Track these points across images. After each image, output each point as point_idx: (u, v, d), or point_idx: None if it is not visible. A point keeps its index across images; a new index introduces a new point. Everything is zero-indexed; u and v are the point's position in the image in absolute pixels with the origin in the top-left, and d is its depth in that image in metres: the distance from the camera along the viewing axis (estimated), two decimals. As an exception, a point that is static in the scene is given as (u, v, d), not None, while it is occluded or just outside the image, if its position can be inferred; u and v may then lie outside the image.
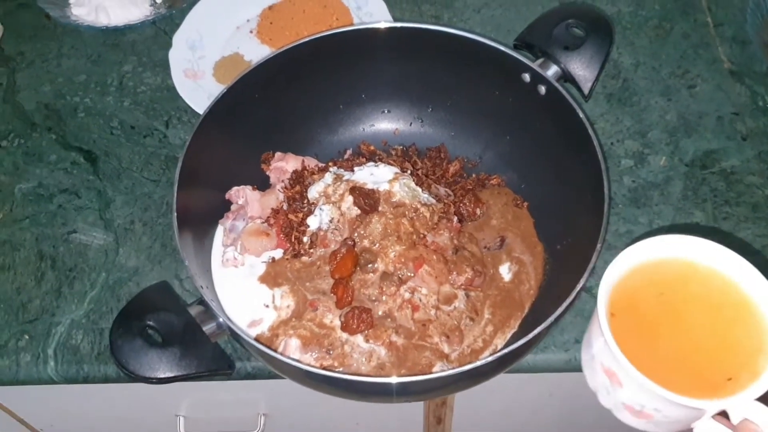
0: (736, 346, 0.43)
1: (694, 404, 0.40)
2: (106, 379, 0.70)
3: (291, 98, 0.77)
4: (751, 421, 0.39)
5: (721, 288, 0.44)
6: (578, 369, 0.57)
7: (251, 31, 0.92)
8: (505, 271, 0.71)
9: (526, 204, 0.75)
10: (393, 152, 0.80)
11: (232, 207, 0.75)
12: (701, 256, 0.45)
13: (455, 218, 0.72)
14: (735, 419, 0.40)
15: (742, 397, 0.40)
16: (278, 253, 0.72)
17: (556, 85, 0.69)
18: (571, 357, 0.69)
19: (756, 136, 0.81)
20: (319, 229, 0.71)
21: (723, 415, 0.42)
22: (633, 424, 0.47)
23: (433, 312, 0.67)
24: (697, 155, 0.80)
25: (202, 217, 0.73)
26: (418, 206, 0.70)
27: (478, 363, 0.57)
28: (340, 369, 0.65)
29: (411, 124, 0.83)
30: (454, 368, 0.58)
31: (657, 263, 0.46)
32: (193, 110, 0.83)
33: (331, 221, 0.70)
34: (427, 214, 0.70)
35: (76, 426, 0.92)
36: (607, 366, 0.45)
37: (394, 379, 0.57)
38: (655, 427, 0.46)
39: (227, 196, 0.75)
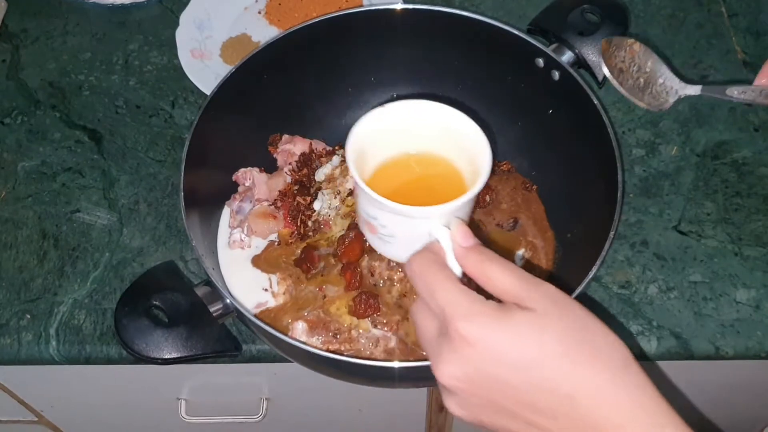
0: (443, 190, 0.51)
1: (385, 202, 0.48)
2: (108, 360, 0.69)
3: (299, 80, 0.76)
4: (438, 241, 0.47)
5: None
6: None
7: (259, 12, 0.90)
8: (518, 260, 0.70)
9: (535, 187, 0.74)
10: (402, 137, 0.79)
11: (239, 189, 0.74)
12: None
13: (464, 204, 0.71)
14: (431, 238, 0.48)
15: (427, 209, 0.48)
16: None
17: (570, 70, 0.68)
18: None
19: (768, 127, 0.80)
20: (322, 214, 0.70)
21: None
22: (374, 245, 0.56)
23: (441, 298, 0.66)
24: (709, 146, 0.80)
25: (209, 199, 0.72)
26: (427, 191, 0.70)
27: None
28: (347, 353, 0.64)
29: (420, 108, 0.81)
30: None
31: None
32: (199, 90, 0.82)
33: (330, 206, 0.70)
34: (436, 200, 0.70)
35: (76, 408, 0.91)
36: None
37: (396, 364, 0.56)
38: (383, 245, 0.54)
39: (234, 177, 0.74)
